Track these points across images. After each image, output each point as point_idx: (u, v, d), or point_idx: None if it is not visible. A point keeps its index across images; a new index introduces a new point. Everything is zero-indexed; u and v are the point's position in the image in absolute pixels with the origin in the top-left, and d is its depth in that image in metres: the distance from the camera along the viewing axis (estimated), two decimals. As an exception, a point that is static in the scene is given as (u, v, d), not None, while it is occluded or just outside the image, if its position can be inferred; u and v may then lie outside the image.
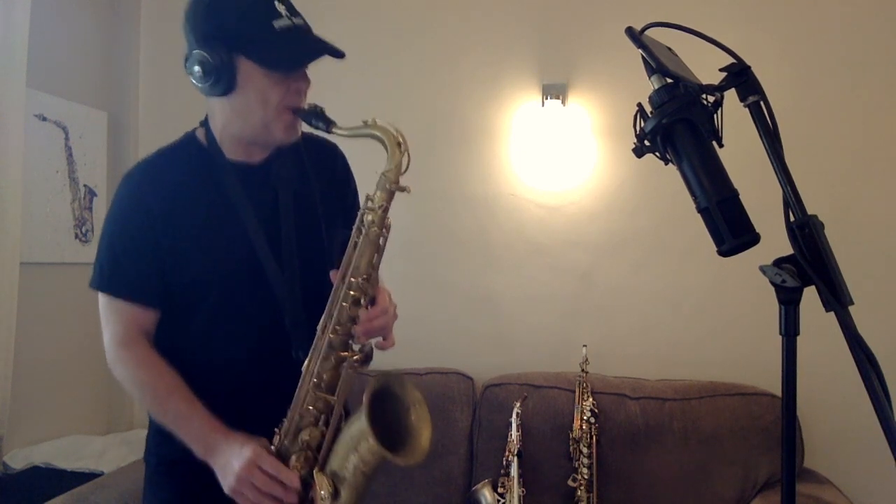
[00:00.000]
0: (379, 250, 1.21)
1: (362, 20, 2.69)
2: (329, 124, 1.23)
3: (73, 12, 2.65)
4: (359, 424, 1.11)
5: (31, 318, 2.37)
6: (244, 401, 1.26)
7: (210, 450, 1.18)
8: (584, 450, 2.16)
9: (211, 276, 1.26)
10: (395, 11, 2.72)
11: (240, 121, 1.25)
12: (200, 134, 1.32)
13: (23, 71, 2.24)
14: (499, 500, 2.10)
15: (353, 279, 1.19)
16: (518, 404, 2.23)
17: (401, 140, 1.20)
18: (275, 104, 1.22)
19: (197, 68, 1.19)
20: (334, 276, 1.21)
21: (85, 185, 2.66)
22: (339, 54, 1.24)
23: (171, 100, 2.84)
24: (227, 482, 1.15)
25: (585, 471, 2.14)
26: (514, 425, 2.20)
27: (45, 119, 2.48)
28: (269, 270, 1.27)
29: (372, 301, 1.22)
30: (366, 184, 1.25)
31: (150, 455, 1.38)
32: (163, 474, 1.36)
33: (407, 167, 1.20)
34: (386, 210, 1.20)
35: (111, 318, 1.28)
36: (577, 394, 2.25)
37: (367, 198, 1.21)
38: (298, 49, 1.22)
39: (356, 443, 1.13)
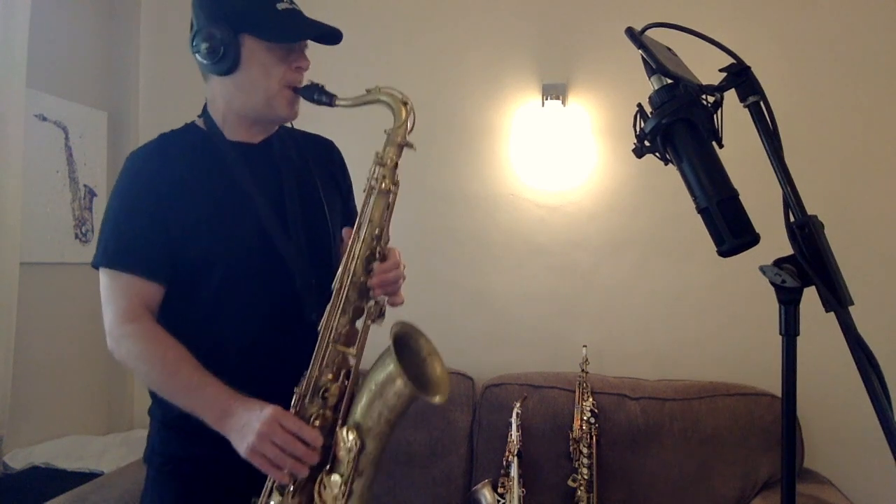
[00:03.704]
0: (389, 206, 1.24)
1: (361, 20, 2.69)
2: (331, 98, 1.26)
3: (73, 12, 2.65)
4: (384, 370, 1.12)
5: (31, 318, 2.37)
6: (259, 368, 1.26)
7: (226, 414, 1.15)
8: (584, 450, 2.16)
9: (220, 249, 1.28)
10: (395, 11, 2.72)
11: (243, 97, 1.29)
12: (199, 122, 1.36)
13: (23, 71, 2.24)
14: (499, 500, 2.10)
15: (366, 233, 1.22)
16: (518, 404, 2.23)
17: (406, 100, 1.24)
18: (277, 79, 1.26)
19: (204, 45, 1.23)
20: (347, 233, 1.24)
21: (85, 185, 2.66)
22: (336, 36, 1.29)
23: (171, 100, 2.84)
24: (245, 442, 1.12)
25: (585, 471, 2.14)
26: (514, 425, 2.20)
27: (45, 119, 2.48)
28: (276, 238, 1.29)
29: (383, 258, 1.25)
30: (376, 145, 1.27)
31: (154, 455, 1.35)
32: (167, 473, 1.33)
33: (413, 125, 1.24)
34: (396, 164, 1.23)
35: (114, 295, 1.25)
36: (577, 394, 2.25)
37: (377, 154, 1.24)
38: (299, 25, 1.28)
39: (382, 389, 1.13)
